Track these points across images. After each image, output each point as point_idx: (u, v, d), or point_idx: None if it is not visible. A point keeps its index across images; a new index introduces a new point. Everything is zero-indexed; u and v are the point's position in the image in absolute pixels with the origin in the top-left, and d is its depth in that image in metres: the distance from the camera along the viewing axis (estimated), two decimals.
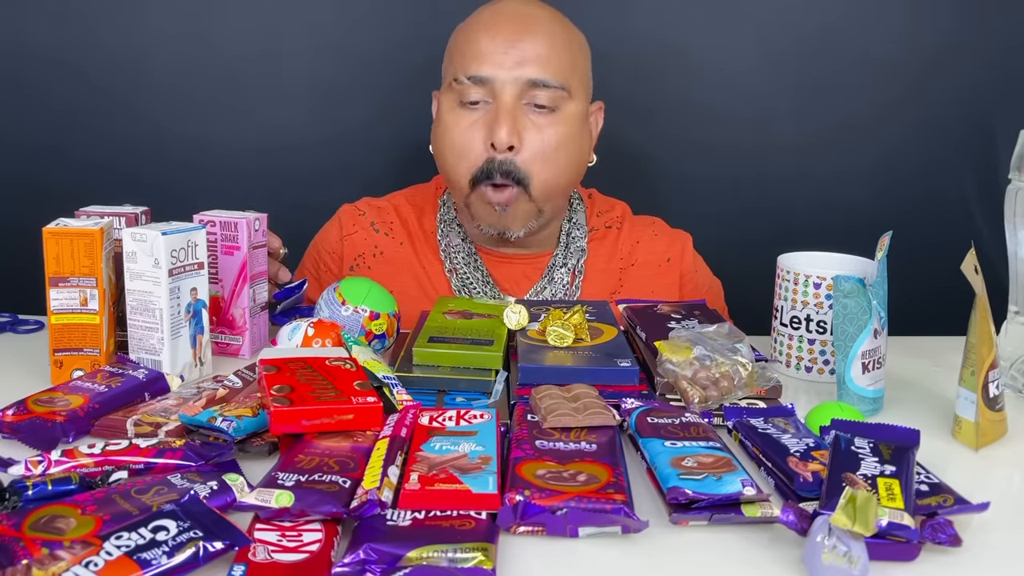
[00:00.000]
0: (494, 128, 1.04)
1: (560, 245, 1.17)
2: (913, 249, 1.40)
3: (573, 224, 1.19)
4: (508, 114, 1.04)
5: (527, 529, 0.60)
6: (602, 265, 1.18)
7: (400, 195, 1.24)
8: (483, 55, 1.05)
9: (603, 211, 1.23)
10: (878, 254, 0.85)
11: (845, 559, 0.54)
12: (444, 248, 1.17)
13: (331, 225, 1.22)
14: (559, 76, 1.06)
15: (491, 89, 1.05)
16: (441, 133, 1.09)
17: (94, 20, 1.45)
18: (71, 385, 0.81)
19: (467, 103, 1.06)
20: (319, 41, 1.48)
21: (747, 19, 1.50)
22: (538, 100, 1.05)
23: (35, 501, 0.60)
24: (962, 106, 1.53)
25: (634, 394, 0.80)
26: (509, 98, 1.05)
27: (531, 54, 1.04)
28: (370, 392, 0.73)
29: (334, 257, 1.19)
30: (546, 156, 1.06)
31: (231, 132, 1.49)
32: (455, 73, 1.07)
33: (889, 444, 0.67)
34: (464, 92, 1.06)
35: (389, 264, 1.17)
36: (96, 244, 0.85)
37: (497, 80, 1.05)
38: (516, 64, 1.04)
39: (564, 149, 1.07)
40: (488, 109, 1.06)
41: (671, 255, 1.21)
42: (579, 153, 1.11)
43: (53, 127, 1.48)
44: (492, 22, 1.07)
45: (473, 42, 1.06)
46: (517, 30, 1.05)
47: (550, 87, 1.05)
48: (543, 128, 1.06)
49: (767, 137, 1.53)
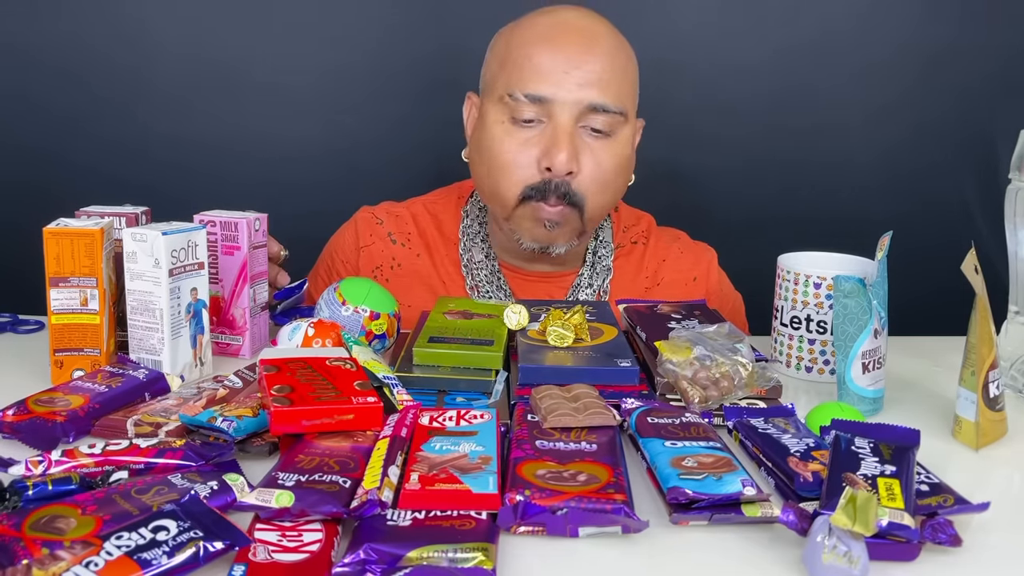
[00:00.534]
0: (552, 152, 1.00)
1: (586, 264, 1.15)
2: (913, 249, 1.40)
3: (600, 242, 1.16)
4: (567, 137, 1.00)
5: (527, 529, 0.60)
6: (627, 284, 1.16)
7: (419, 202, 1.20)
8: (543, 73, 1.00)
9: (629, 225, 1.21)
10: (878, 254, 0.85)
11: (845, 559, 0.54)
12: (466, 263, 1.14)
13: (347, 232, 1.19)
14: (618, 101, 1.02)
15: (548, 109, 1.01)
16: (487, 146, 1.05)
17: (98, 24, 1.45)
18: (71, 385, 0.81)
19: (520, 120, 1.02)
20: (324, 47, 1.48)
21: (749, 23, 1.50)
22: (595, 124, 1.02)
23: (35, 501, 0.60)
24: (962, 107, 1.53)
25: (634, 394, 0.80)
26: (568, 121, 1.01)
27: (593, 76, 1.00)
28: (370, 392, 0.73)
29: (348, 267, 1.17)
30: (603, 181, 1.04)
31: (233, 137, 1.49)
32: (509, 87, 1.02)
33: (889, 444, 0.67)
34: (518, 109, 1.02)
35: (406, 276, 1.14)
36: (96, 244, 0.85)
37: (556, 101, 1.00)
38: (578, 86, 1.00)
39: (618, 174, 1.06)
40: (543, 128, 1.02)
41: (697, 274, 1.19)
42: (628, 175, 1.09)
43: (54, 128, 1.48)
44: (553, 36, 1.02)
45: (532, 56, 1.01)
46: (580, 48, 1.01)
47: (609, 112, 1.02)
48: (598, 152, 1.03)
49: (768, 138, 1.53)
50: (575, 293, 1.14)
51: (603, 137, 1.03)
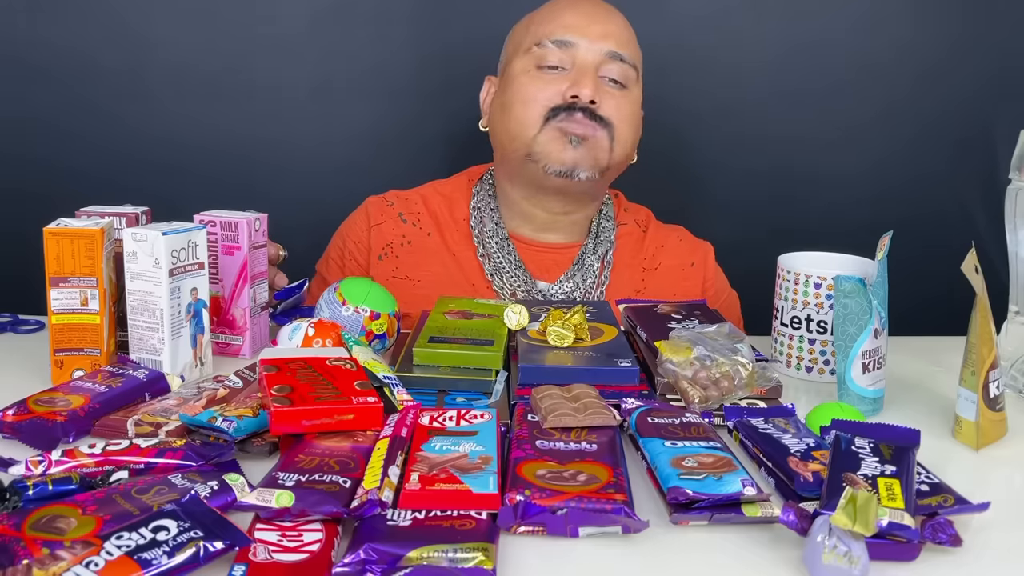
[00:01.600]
0: (579, 83, 1.09)
1: (591, 235, 1.20)
2: (914, 249, 1.40)
3: (603, 215, 1.22)
4: (592, 73, 1.10)
5: (527, 529, 0.60)
6: (628, 259, 1.21)
7: (428, 187, 1.24)
8: (568, 25, 1.12)
9: (630, 207, 1.27)
10: (878, 254, 0.85)
11: (845, 559, 0.54)
12: (477, 234, 1.18)
13: (357, 216, 1.22)
14: (633, 56, 1.14)
15: (572, 55, 1.11)
16: (514, 92, 1.13)
17: (92, 27, 1.45)
18: (72, 385, 0.81)
19: (546, 67, 1.11)
20: (321, 39, 1.48)
21: (748, 24, 1.50)
22: (613, 74, 1.12)
23: (36, 501, 0.60)
24: (962, 107, 1.53)
25: (634, 394, 0.80)
26: (591, 63, 1.11)
27: (612, 30, 1.13)
28: (370, 392, 0.73)
29: (360, 247, 1.19)
30: (623, 119, 1.12)
31: (230, 138, 1.49)
32: (537, 38, 1.12)
33: (889, 444, 0.67)
34: (544, 56, 1.11)
35: (417, 252, 1.18)
36: (97, 244, 0.85)
37: (581, 46, 1.11)
38: (600, 36, 1.11)
39: (633, 122, 1.15)
40: (567, 72, 1.11)
41: (695, 260, 1.24)
42: (637, 136, 1.18)
43: (55, 128, 1.48)
44: (575, 2, 1.15)
45: (558, 14, 1.13)
46: (601, 10, 1.15)
47: (626, 62, 1.12)
48: (618, 98, 1.12)
49: (767, 137, 1.53)
50: (581, 259, 1.17)
51: (620, 87, 1.13)
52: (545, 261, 1.18)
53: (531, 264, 1.17)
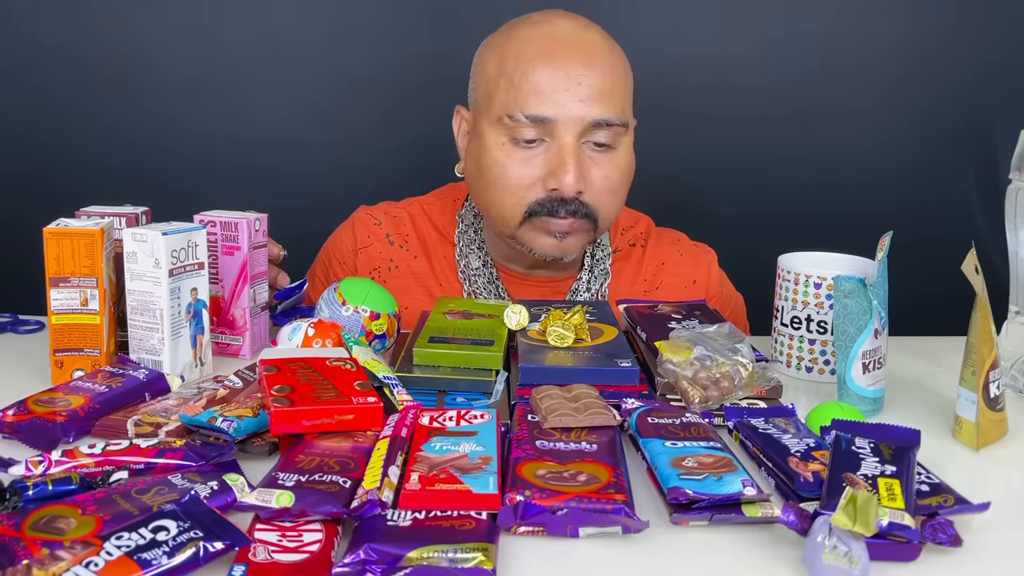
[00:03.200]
0: (559, 174, 0.99)
1: (584, 268, 1.14)
2: (913, 249, 1.40)
3: (598, 246, 1.16)
4: (573, 157, 0.98)
5: (527, 529, 0.60)
6: (625, 288, 1.16)
7: (417, 203, 1.19)
8: (543, 92, 0.98)
9: (628, 227, 1.20)
10: (879, 254, 0.85)
11: (846, 559, 0.54)
12: (463, 270, 1.13)
13: (344, 232, 1.18)
14: (620, 112, 1.01)
15: (550, 129, 0.99)
16: (487, 167, 1.03)
17: (101, 18, 1.45)
18: (71, 385, 0.81)
19: (522, 141, 1.00)
20: (325, 44, 1.48)
21: (747, 24, 1.50)
22: (598, 139, 1.00)
23: (35, 501, 0.60)
24: (962, 107, 1.53)
25: (634, 394, 0.80)
26: (571, 140, 0.99)
27: (594, 91, 0.98)
28: (370, 392, 0.73)
29: (345, 269, 1.16)
30: (612, 191, 1.03)
31: (233, 133, 1.49)
32: (508, 108, 1.00)
33: (890, 444, 0.67)
34: (519, 130, 1.00)
35: (404, 278, 1.14)
36: (96, 244, 0.85)
37: (559, 120, 0.98)
38: (580, 102, 0.98)
39: (624, 183, 1.05)
40: (545, 148, 1.00)
41: (697, 277, 1.18)
42: (626, 191, 1.08)
43: (54, 128, 1.48)
44: (550, 51, 0.99)
45: (530, 74, 0.99)
46: (580, 61, 0.99)
47: (612, 126, 1.00)
48: (604, 165, 1.02)
49: (767, 138, 1.53)
50: (573, 297, 1.14)
51: (607, 151, 1.02)
52: (536, 295, 1.13)
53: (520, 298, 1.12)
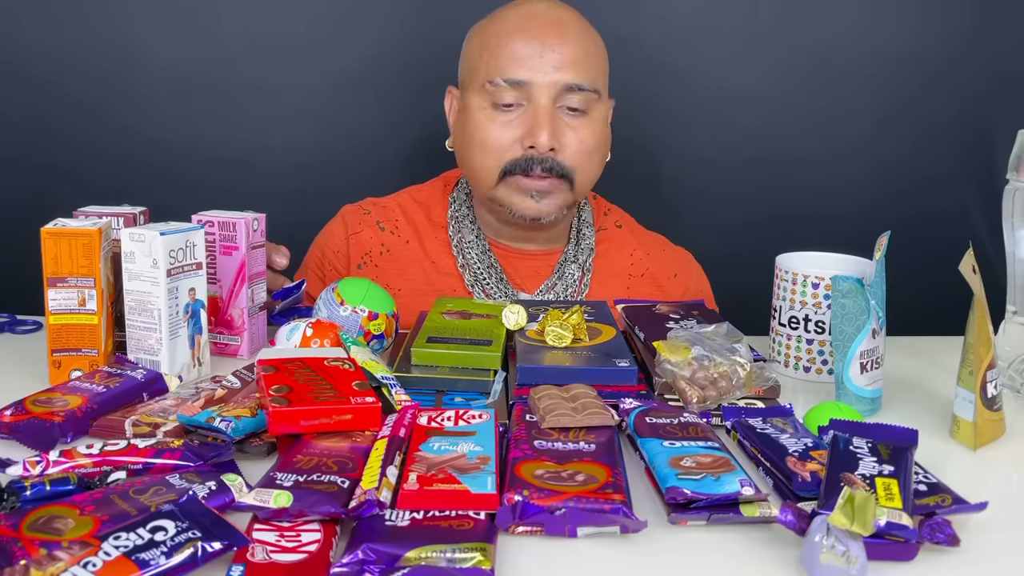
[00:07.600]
0: (535, 131, 1.05)
1: (571, 242, 1.19)
2: (911, 249, 1.40)
3: (582, 221, 1.21)
4: (547, 117, 1.06)
5: (526, 529, 0.60)
6: (610, 267, 1.20)
7: (404, 194, 1.23)
8: (520, 58, 1.06)
9: (610, 210, 1.26)
10: (876, 254, 0.85)
11: (843, 559, 0.54)
12: (456, 244, 1.17)
13: (334, 225, 1.21)
14: (592, 80, 1.08)
15: (527, 92, 1.06)
16: (471, 131, 1.10)
17: (97, 17, 1.45)
18: (69, 385, 0.81)
19: (501, 105, 1.07)
20: (317, 43, 1.48)
21: (750, 32, 1.50)
22: (571, 103, 1.07)
23: (33, 501, 0.60)
24: (961, 107, 1.54)
25: (632, 394, 0.80)
26: (546, 101, 1.06)
27: (567, 57, 1.06)
28: (368, 392, 0.73)
29: (340, 257, 1.18)
30: (586, 153, 1.09)
31: (234, 133, 1.49)
32: (488, 75, 1.08)
33: (887, 444, 0.67)
34: (498, 94, 1.07)
35: (396, 261, 1.17)
36: (94, 244, 0.85)
37: (534, 84, 1.06)
38: (553, 68, 1.06)
39: (598, 149, 1.11)
40: (523, 111, 1.07)
41: (678, 271, 1.23)
42: (605, 151, 1.14)
43: (54, 128, 1.48)
44: (526, 25, 1.08)
45: (507, 45, 1.07)
46: (553, 33, 1.07)
47: (584, 90, 1.07)
48: (578, 129, 1.08)
49: (765, 137, 1.53)
50: (561, 268, 1.17)
51: (580, 115, 1.09)
52: (526, 268, 1.17)
53: (512, 271, 1.16)
